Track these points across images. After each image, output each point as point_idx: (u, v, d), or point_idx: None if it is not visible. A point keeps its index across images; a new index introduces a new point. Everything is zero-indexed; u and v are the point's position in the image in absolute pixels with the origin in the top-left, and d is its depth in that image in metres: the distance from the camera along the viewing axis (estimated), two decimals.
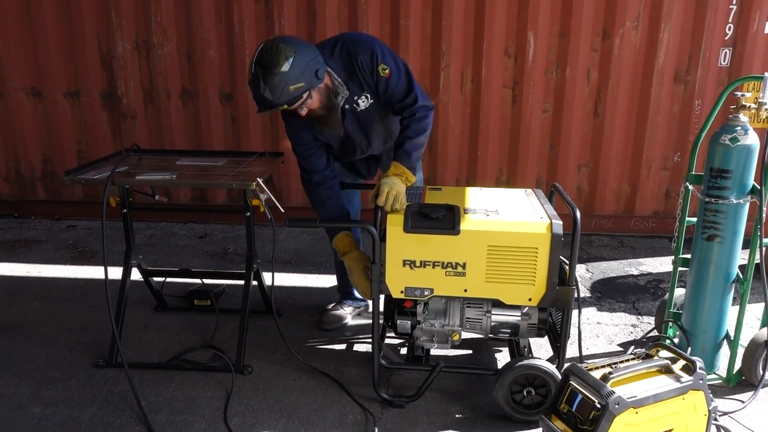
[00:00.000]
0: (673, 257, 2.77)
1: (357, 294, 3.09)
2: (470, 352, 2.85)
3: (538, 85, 4.24)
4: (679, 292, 2.80)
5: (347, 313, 3.15)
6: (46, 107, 4.60)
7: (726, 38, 4.08)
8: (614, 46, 4.12)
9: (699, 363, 1.94)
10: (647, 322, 3.16)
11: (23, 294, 3.46)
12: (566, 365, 2.09)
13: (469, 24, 4.17)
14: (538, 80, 4.23)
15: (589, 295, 3.52)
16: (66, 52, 4.47)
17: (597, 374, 1.91)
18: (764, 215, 2.38)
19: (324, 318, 3.12)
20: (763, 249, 2.45)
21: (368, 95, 2.52)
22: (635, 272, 3.85)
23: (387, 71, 2.43)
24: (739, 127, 2.39)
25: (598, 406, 1.82)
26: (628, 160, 4.36)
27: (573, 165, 4.39)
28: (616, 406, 1.79)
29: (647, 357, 2.04)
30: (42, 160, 4.73)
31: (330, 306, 3.21)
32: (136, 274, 2.90)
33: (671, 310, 2.82)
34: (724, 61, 4.12)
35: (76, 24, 4.40)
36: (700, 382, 1.92)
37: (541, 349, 2.84)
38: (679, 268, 2.77)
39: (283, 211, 2.62)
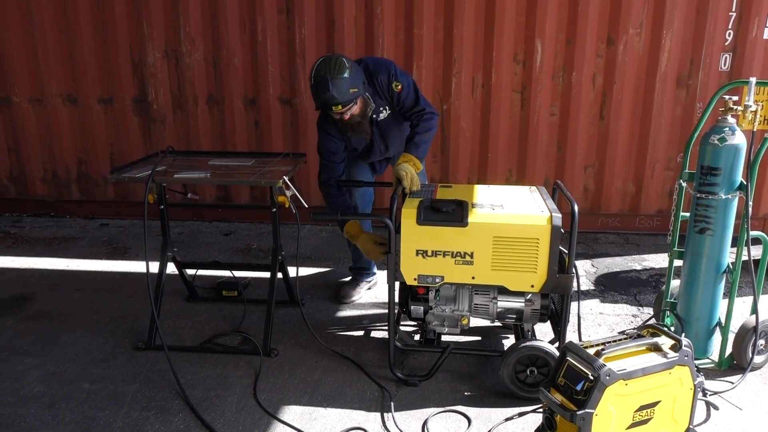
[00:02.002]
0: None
1: (373, 270, 3.64)
2: (479, 338, 3.07)
3: (545, 90, 4.44)
4: (676, 283, 2.99)
5: (361, 287, 3.55)
6: (81, 113, 4.89)
7: (726, 44, 4.25)
8: (618, 51, 4.31)
9: (685, 341, 2.14)
10: (647, 312, 3.35)
11: (65, 286, 3.74)
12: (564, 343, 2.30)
13: (479, 32, 4.39)
14: (545, 85, 4.44)
15: (593, 288, 3.72)
16: (100, 61, 4.77)
17: (591, 351, 2.12)
18: (750, 209, 2.58)
19: (341, 291, 3.51)
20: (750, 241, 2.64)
21: (386, 107, 3.01)
22: (638, 267, 4.04)
23: (399, 87, 2.92)
24: (727, 128, 2.59)
25: (591, 377, 2.02)
26: (632, 161, 4.54)
27: (580, 165, 4.59)
28: (607, 378, 2.00)
29: (638, 337, 2.24)
30: (77, 162, 5.03)
31: (345, 281, 3.60)
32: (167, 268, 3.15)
33: (668, 300, 3.01)
34: (724, 66, 4.30)
35: (109, 35, 4.69)
36: (686, 358, 2.11)
37: (546, 336, 3.03)
38: (675, 261, 2.96)
39: (306, 206, 2.86)
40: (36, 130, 4.98)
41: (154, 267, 3.01)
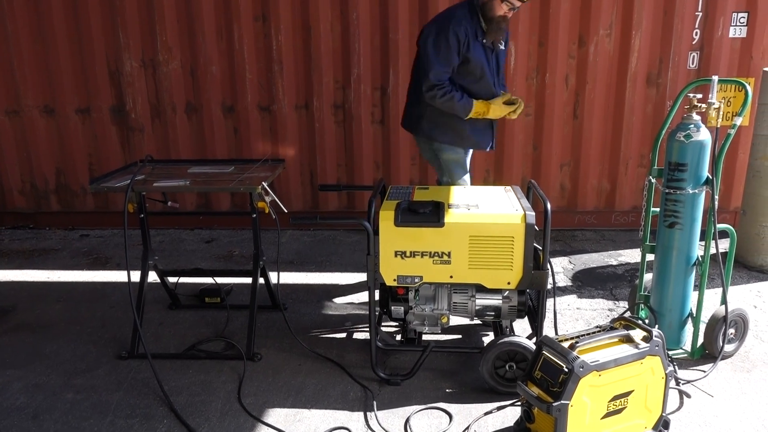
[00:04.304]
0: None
1: None
2: (459, 336, 3.13)
3: (520, 91, 4.52)
4: (648, 277, 3.08)
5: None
6: (58, 123, 4.88)
7: (693, 43, 4.38)
8: (590, 52, 4.42)
9: (655, 332, 2.21)
10: (623, 306, 3.43)
11: (46, 297, 3.73)
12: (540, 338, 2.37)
13: None
14: (520, 86, 4.52)
15: (570, 284, 3.80)
16: (77, 71, 4.76)
17: (566, 344, 2.18)
18: (717, 203, 2.67)
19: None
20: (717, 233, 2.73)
21: (505, 43, 3.27)
22: (614, 262, 4.13)
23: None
24: (692, 125, 2.68)
25: (566, 370, 2.09)
26: (606, 159, 4.65)
27: (555, 164, 4.67)
28: (581, 370, 2.06)
29: (611, 329, 2.31)
30: (55, 173, 5.00)
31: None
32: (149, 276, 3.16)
33: (641, 293, 3.09)
34: (692, 64, 4.43)
35: (85, 44, 4.69)
36: (656, 348, 2.19)
37: (525, 333, 3.09)
38: (647, 255, 3.04)
39: (286, 211, 2.90)
40: (13, 142, 4.95)
41: (136, 276, 3.03)
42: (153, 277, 3.24)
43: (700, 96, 2.70)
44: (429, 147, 3.41)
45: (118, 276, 4.05)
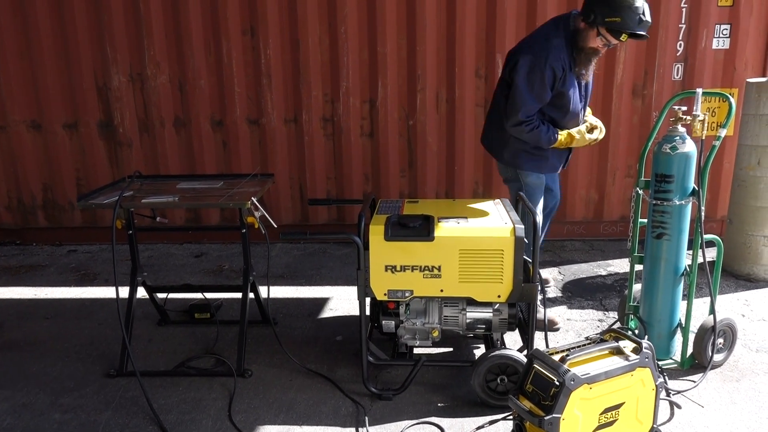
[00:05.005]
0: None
1: None
2: (451, 349, 3.12)
3: None
4: (638, 287, 3.09)
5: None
6: (45, 139, 4.84)
7: (677, 54, 4.44)
8: None
9: (645, 344, 2.22)
10: (612, 317, 3.45)
11: (33, 314, 3.69)
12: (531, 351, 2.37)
13: (441, 48, 4.49)
14: None
15: (560, 294, 3.81)
16: (64, 86, 4.73)
17: (556, 357, 2.19)
18: (703, 214, 2.69)
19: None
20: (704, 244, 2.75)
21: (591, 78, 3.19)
22: (603, 273, 4.15)
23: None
24: (677, 137, 2.71)
25: (557, 383, 2.09)
26: (594, 169, 4.68)
27: None
28: (572, 383, 2.06)
29: (601, 342, 2.32)
30: (42, 189, 4.96)
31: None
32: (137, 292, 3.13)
33: (631, 304, 3.10)
34: (677, 75, 4.48)
35: (73, 59, 4.67)
36: (646, 360, 2.20)
37: (516, 345, 3.10)
38: (636, 265, 3.06)
39: (276, 226, 2.89)
40: None
41: (124, 292, 3.00)
42: (142, 292, 3.21)
43: (685, 108, 2.73)
44: (512, 169, 3.37)
45: (107, 292, 4.02)
